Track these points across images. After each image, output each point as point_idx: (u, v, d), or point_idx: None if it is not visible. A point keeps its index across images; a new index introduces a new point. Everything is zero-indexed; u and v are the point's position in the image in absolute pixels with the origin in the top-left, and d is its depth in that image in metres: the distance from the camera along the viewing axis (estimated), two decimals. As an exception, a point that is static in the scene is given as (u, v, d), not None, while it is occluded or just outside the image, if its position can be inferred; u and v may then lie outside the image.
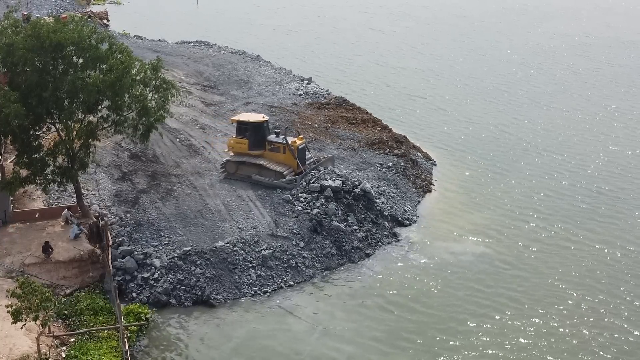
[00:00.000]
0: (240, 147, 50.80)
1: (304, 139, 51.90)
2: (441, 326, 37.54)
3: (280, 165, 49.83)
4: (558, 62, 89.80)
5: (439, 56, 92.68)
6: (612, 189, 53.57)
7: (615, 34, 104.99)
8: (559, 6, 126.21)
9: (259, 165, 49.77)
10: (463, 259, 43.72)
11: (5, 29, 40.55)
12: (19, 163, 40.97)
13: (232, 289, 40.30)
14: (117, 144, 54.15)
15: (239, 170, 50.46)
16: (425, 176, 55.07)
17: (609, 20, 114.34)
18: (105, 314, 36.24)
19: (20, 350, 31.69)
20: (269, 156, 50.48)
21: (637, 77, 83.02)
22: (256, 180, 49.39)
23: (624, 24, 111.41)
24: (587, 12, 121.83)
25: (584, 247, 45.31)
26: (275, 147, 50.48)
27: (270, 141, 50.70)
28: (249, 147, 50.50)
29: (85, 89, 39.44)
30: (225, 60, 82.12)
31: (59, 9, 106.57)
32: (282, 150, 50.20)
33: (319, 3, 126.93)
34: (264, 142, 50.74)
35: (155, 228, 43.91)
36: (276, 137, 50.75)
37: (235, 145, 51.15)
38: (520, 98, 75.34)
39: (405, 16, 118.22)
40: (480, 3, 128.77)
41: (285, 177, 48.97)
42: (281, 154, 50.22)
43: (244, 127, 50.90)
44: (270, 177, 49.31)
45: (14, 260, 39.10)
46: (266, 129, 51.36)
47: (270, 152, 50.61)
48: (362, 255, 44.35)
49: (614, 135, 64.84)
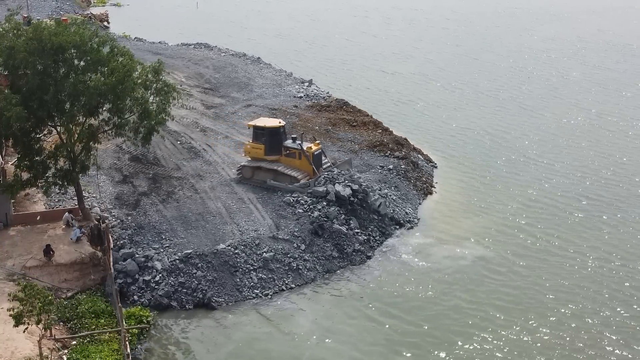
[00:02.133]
0: (256, 152, 50.48)
1: (320, 144, 51.54)
2: (440, 330, 37.46)
3: (295, 171, 49.49)
4: (555, 66, 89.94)
5: (439, 58, 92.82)
6: (610, 195, 53.35)
7: (606, 38, 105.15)
8: (553, 10, 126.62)
9: (274, 171, 49.54)
10: (463, 263, 43.65)
11: (7, 31, 40.55)
12: (20, 166, 41.04)
13: (234, 292, 40.28)
14: (118, 147, 54.15)
15: (255, 175, 50.16)
16: (426, 178, 55.08)
17: (601, 24, 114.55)
18: (106, 317, 36.22)
19: (22, 354, 31.67)
20: (285, 161, 50.19)
21: (630, 82, 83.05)
22: (271, 185, 49.17)
23: (616, 28, 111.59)
24: (578, 16, 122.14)
25: (584, 253, 45.17)
26: (291, 152, 50.19)
27: (286, 147, 50.40)
28: (265, 152, 50.18)
29: (86, 91, 39.45)
30: (226, 63, 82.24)
31: (59, 11, 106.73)
32: (297, 155, 49.90)
33: (314, 7, 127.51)
34: (280, 147, 50.41)
35: (156, 231, 43.90)
36: (292, 142, 50.46)
37: (251, 151, 50.81)
38: (520, 102, 75.42)
39: (400, 19, 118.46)
40: (476, 6, 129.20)
41: (299, 181, 48.64)
42: (297, 159, 49.91)
43: (261, 132, 50.55)
44: (286, 182, 49.01)
45: (15, 263, 39.07)
46: (282, 134, 50.97)
47: (286, 157, 50.29)
48: (363, 258, 44.35)
49: (611, 141, 64.86)
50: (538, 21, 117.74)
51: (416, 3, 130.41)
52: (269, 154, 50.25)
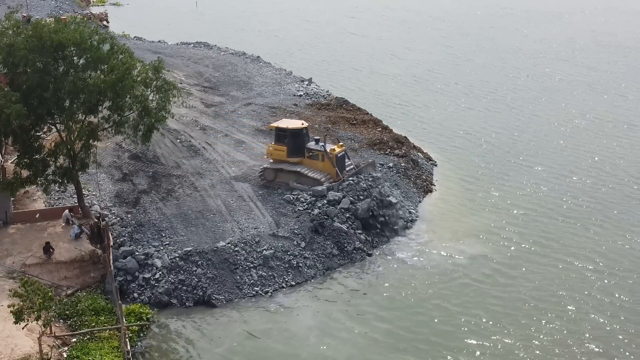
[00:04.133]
0: (278, 154, 49.50)
1: (343, 146, 50.81)
2: (439, 328, 37.43)
3: (318, 173, 48.62)
4: (554, 67, 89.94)
5: (439, 58, 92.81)
6: (611, 195, 53.31)
7: (599, 38, 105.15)
8: (547, 9, 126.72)
9: (296, 173, 48.76)
10: (463, 262, 43.57)
11: (6, 29, 40.52)
12: (19, 164, 40.95)
13: (234, 289, 40.28)
14: (118, 145, 54.12)
15: (278, 178, 49.35)
16: (426, 176, 55.08)
17: (593, 25, 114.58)
18: (106, 315, 36.20)
19: (22, 351, 31.67)
20: (308, 164, 49.24)
21: (626, 82, 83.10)
22: (294, 188, 48.44)
23: (609, 29, 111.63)
24: (570, 16, 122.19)
25: (584, 251, 45.15)
26: (314, 154, 49.23)
27: (309, 148, 49.55)
28: (288, 154, 49.22)
29: (86, 89, 39.43)
30: (225, 61, 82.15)
31: (59, 10, 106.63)
32: (321, 157, 49.01)
33: (313, 7, 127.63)
34: (303, 149, 49.51)
35: (156, 228, 43.89)
36: (315, 144, 49.52)
37: (273, 152, 49.77)
38: (519, 100, 75.46)
39: (398, 20, 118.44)
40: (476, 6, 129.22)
41: (322, 184, 47.84)
42: (320, 161, 49.04)
43: (283, 134, 49.61)
44: (309, 185, 48.17)
45: (15, 260, 39.09)
46: (305, 136, 50.01)
47: (309, 159, 49.38)
48: (363, 256, 44.34)
49: (611, 141, 64.92)
50: (538, 21, 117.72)
51: (415, 4, 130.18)
52: (291, 156, 49.29)
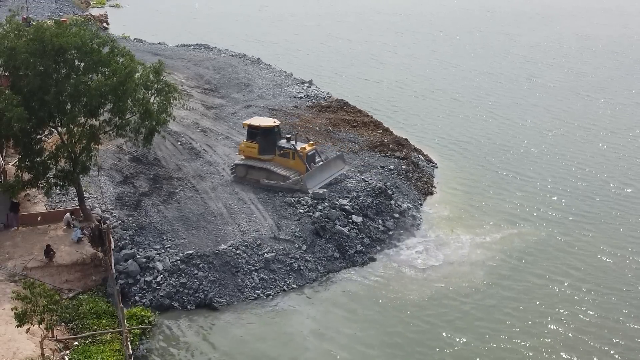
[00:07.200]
0: (250, 151, 50.61)
1: (314, 145, 51.67)
2: (440, 333, 37.29)
3: (288, 170, 49.62)
4: (563, 64, 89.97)
5: (438, 59, 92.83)
6: (612, 195, 53.41)
7: (593, 38, 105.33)
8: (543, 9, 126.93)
9: (266, 170, 49.70)
10: (464, 265, 43.49)
11: (8, 32, 40.51)
12: (21, 166, 40.98)
13: (235, 292, 40.25)
14: (119, 147, 54.10)
15: (249, 174, 50.35)
16: (427, 179, 55.05)
17: (584, 28, 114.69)
18: (108, 318, 36.16)
19: (23, 354, 31.62)
20: (279, 161, 50.30)
21: (624, 81, 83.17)
22: (265, 185, 49.29)
23: (600, 32, 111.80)
24: (568, 16, 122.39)
25: (587, 254, 45.05)
26: (285, 152, 50.32)
27: (280, 146, 50.55)
28: (259, 152, 50.28)
29: (87, 92, 39.43)
30: (226, 63, 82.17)
31: (59, 12, 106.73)
32: (291, 156, 50.04)
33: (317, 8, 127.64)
34: (274, 147, 50.53)
35: (157, 231, 43.86)
36: (286, 142, 50.58)
37: (245, 150, 50.96)
38: (522, 102, 75.50)
39: (398, 20, 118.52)
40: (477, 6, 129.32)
41: (291, 179, 48.85)
42: (291, 159, 50.05)
43: (255, 132, 50.73)
44: (278, 181, 49.19)
45: (16, 264, 39.01)
46: (277, 134, 51.09)
47: (280, 157, 50.44)
48: (364, 259, 44.28)
49: (610, 141, 64.91)
50: (539, 20, 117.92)
51: (414, 5, 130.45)
52: (262, 154, 50.37)
